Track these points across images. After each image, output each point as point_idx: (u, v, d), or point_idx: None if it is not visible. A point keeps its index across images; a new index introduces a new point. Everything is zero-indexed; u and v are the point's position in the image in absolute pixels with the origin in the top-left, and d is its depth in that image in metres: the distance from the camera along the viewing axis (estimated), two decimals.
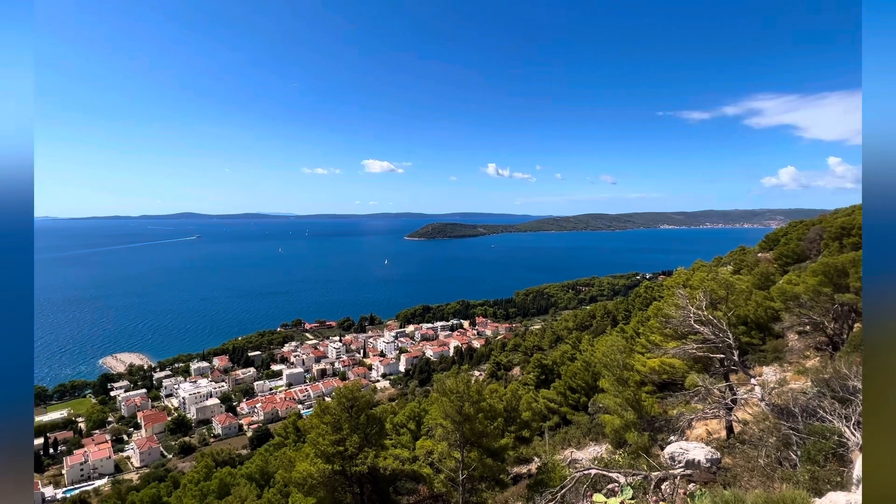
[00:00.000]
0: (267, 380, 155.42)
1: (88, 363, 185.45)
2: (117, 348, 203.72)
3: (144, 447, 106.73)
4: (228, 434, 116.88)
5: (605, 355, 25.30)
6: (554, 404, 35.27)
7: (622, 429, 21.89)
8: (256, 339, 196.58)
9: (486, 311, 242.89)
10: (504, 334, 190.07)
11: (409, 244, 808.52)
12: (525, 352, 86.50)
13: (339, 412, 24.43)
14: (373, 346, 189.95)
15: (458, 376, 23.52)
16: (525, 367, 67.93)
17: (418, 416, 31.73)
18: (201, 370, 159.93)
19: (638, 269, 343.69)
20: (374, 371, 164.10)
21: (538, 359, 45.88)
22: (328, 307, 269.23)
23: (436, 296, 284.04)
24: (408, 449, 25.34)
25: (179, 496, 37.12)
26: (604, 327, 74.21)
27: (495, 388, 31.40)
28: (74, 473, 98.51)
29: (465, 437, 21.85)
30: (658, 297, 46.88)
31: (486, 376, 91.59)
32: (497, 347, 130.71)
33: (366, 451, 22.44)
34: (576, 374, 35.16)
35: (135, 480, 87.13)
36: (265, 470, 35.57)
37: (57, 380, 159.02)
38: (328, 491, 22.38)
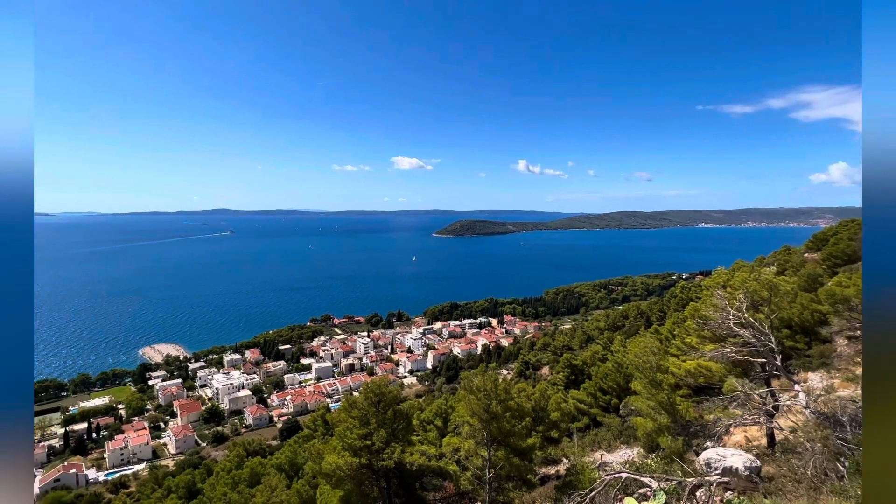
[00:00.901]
0: (296, 373, 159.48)
1: (129, 353, 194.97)
2: (155, 339, 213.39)
3: (180, 435, 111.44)
4: (259, 425, 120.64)
5: (637, 357, 24.76)
6: (584, 405, 34.77)
7: (655, 432, 21.39)
8: (287, 333, 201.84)
9: (514, 310, 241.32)
10: (533, 333, 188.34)
11: (438, 241, 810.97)
12: (554, 351, 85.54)
13: (367, 407, 24.84)
14: (400, 342, 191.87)
15: (486, 374, 23.49)
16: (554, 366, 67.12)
17: (445, 414, 31.91)
18: (234, 362, 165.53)
19: (674, 269, 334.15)
20: (401, 367, 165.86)
21: (568, 359, 45.28)
22: (356, 303, 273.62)
23: (464, 293, 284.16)
24: (434, 445, 25.55)
25: (213, 483, 38.63)
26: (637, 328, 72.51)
27: (523, 388, 31.22)
28: (115, 457, 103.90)
29: (492, 436, 21.84)
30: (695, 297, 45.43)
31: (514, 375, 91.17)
32: (526, 346, 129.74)
33: (392, 446, 22.75)
34: (607, 376, 34.54)
35: (171, 466, 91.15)
36: (294, 461, 36.54)
37: (100, 368, 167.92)
38: (355, 484, 22.83)
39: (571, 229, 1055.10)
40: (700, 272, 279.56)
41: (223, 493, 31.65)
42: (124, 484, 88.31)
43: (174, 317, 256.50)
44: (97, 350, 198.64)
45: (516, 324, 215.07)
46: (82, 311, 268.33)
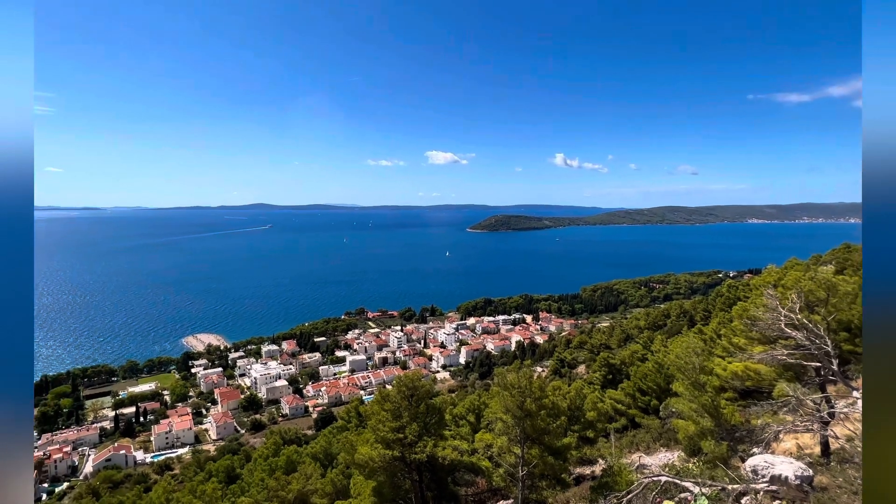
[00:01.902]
0: (331, 365, 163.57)
1: (173, 342, 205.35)
2: (198, 329, 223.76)
3: (220, 421, 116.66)
4: (295, 414, 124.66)
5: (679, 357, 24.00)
6: (621, 406, 34.05)
7: (697, 436, 20.73)
8: (322, 326, 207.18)
9: (550, 307, 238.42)
10: (569, 331, 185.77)
11: (472, 236, 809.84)
12: (591, 350, 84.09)
13: (400, 400, 25.23)
14: (433, 337, 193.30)
15: (520, 371, 23.37)
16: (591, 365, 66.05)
17: (478, 409, 31.99)
18: (271, 353, 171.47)
19: (720, 267, 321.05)
20: (434, 362, 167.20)
21: (605, 357, 44.42)
22: (390, 297, 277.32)
23: (498, 289, 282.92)
24: (467, 441, 25.70)
25: (251, 469, 40.28)
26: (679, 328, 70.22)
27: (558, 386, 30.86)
28: (160, 441, 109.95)
29: (526, 434, 21.74)
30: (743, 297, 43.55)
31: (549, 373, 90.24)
32: (561, 344, 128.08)
33: (425, 440, 23.03)
34: (646, 376, 33.67)
35: (212, 451, 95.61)
36: (329, 451, 37.60)
37: (147, 355, 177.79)
38: (388, 475, 23.27)
39: (610, 225, 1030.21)
40: (749, 270, 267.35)
41: (261, 479, 32.97)
42: (169, 466, 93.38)
43: (215, 308, 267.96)
44: (144, 338, 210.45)
45: (552, 321, 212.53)
46: (131, 301, 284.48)
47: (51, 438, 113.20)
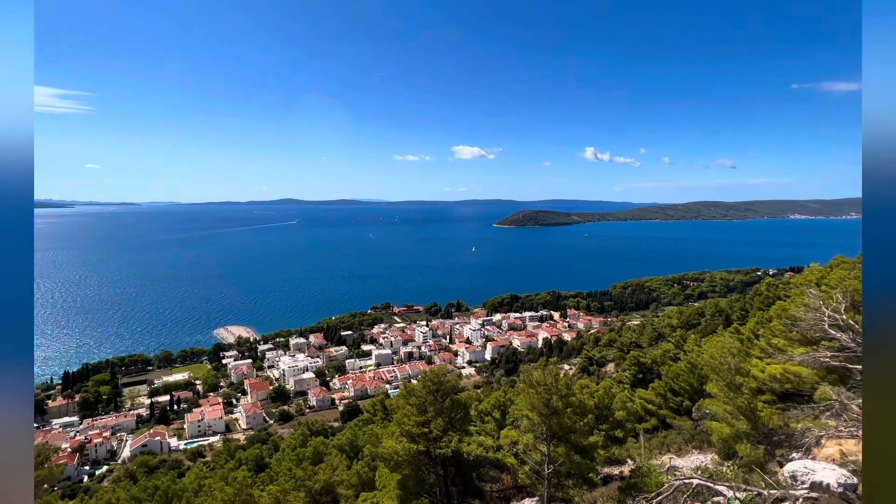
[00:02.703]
0: (357, 358, 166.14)
1: (205, 333, 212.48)
2: (229, 321, 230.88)
3: (250, 412, 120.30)
4: (322, 406, 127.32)
5: (714, 357, 23.35)
6: (652, 406, 33.39)
7: (732, 439, 20.15)
8: (348, 320, 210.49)
9: (578, 304, 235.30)
10: (597, 328, 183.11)
11: (499, 231, 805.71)
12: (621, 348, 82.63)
13: (425, 395, 25.43)
14: (459, 332, 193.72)
15: (547, 368, 23.18)
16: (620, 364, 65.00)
17: (503, 406, 31.94)
18: (299, 345, 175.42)
19: (758, 265, 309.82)
20: (459, 357, 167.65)
21: (635, 356, 43.59)
22: (416, 292, 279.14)
23: (525, 285, 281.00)
24: (492, 437, 25.71)
25: (279, 459, 41.42)
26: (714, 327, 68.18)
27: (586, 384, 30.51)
28: (193, 429, 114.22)
29: (552, 431, 21.58)
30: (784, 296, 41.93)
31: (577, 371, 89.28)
32: (589, 342, 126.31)
33: (450, 435, 23.16)
34: (679, 376, 32.89)
35: (241, 440, 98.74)
36: (354, 443, 38.28)
37: (180, 346, 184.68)
38: (413, 469, 23.52)
39: (642, 220, 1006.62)
40: (790, 268, 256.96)
41: (288, 469, 33.88)
42: (201, 453, 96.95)
43: (245, 301, 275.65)
44: (179, 329, 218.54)
45: (580, 318, 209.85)
46: (167, 293, 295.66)
47: (91, 423, 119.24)
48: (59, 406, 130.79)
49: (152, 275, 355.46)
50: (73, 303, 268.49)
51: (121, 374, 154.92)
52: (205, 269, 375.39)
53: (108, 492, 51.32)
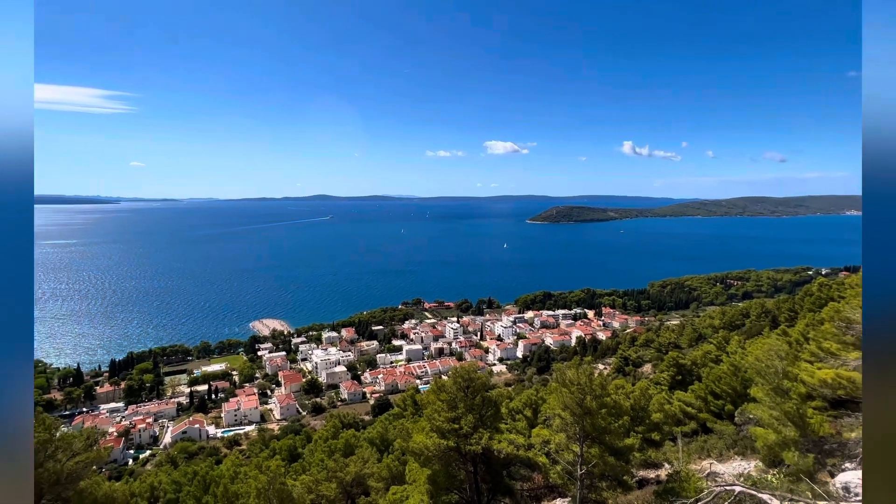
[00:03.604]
0: (388, 353, 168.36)
1: (242, 325, 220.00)
2: (264, 314, 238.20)
3: (284, 403, 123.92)
4: (353, 400, 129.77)
5: (760, 360, 22.42)
6: (691, 409, 32.39)
7: (778, 446, 19.31)
8: (379, 315, 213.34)
9: (614, 302, 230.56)
10: (634, 328, 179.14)
11: (532, 228, 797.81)
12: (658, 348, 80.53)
13: (455, 391, 25.49)
14: (490, 329, 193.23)
15: (580, 367, 22.83)
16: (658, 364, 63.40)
17: (535, 404, 31.68)
18: (331, 339, 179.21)
19: (810, 263, 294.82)
20: (490, 354, 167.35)
21: (674, 357, 42.36)
22: (446, 288, 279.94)
23: (558, 282, 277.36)
24: (523, 435, 25.54)
25: (311, 450, 42.50)
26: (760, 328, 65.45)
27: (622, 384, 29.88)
28: (230, 417, 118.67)
29: (586, 432, 21.25)
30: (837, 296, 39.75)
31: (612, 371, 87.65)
32: (625, 341, 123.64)
33: (480, 432, 23.16)
34: (720, 378, 31.75)
35: (275, 430, 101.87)
36: (385, 437, 38.84)
37: (218, 337, 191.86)
38: (443, 464, 23.66)
39: (683, 216, 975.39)
40: (845, 268, 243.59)
41: (320, 460, 34.70)
42: (237, 442, 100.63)
43: (280, 294, 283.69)
44: (217, 321, 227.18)
45: (615, 317, 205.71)
46: (206, 285, 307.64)
47: (136, 409, 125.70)
48: (106, 392, 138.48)
49: (193, 268, 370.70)
50: (120, 294, 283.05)
51: (163, 363, 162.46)
52: (241, 264, 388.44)
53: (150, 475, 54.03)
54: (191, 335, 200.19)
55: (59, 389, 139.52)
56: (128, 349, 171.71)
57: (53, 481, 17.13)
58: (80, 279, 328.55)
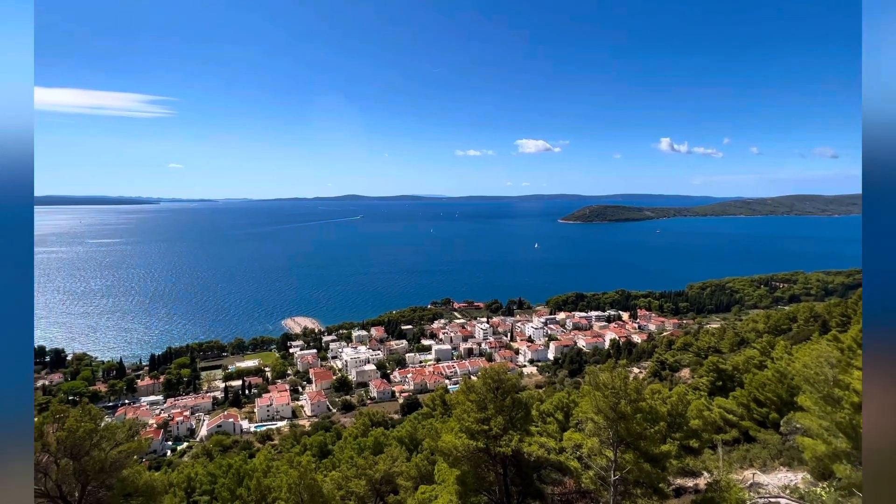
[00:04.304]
0: (417, 353, 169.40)
1: (274, 323, 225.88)
2: (295, 312, 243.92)
3: (314, 399, 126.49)
4: (382, 398, 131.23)
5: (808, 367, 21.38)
6: (733, 416, 31.23)
7: (828, 458, 18.37)
8: (409, 314, 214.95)
9: (650, 304, 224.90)
10: (671, 331, 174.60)
11: (564, 227, 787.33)
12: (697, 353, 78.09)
13: (485, 392, 25.41)
14: (520, 330, 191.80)
15: (614, 371, 22.39)
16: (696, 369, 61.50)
17: (567, 407, 31.21)
18: (361, 338, 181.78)
19: None
20: (521, 356, 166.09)
21: (714, 362, 40.94)
22: (476, 288, 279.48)
23: (591, 283, 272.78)
24: (554, 439, 25.21)
25: (341, 446, 43.20)
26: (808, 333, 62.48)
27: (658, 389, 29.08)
28: (262, 413, 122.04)
29: (620, 437, 20.80)
30: None
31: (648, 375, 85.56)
32: (662, 345, 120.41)
33: (510, 434, 23.00)
34: (764, 385, 30.47)
35: (306, 427, 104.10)
36: (414, 436, 39.09)
37: (251, 334, 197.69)
38: (472, 465, 23.62)
39: (724, 216, 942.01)
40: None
41: (350, 457, 35.24)
42: (269, 437, 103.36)
43: (311, 293, 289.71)
44: (251, 318, 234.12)
45: (651, 319, 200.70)
46: (240, 284, 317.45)
47: (174, 403, 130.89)
48: (146, 385, 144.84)
49: (228, 267, 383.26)
50: (160, 291, 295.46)
51: (199, 358, 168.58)
52: (274, 262, 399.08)
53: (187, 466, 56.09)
54: (226, 332, 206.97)
55: (103, 382, 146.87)
56: (167, 344, 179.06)
57: (98, 469, 18.01)
58: (123, 276, 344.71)
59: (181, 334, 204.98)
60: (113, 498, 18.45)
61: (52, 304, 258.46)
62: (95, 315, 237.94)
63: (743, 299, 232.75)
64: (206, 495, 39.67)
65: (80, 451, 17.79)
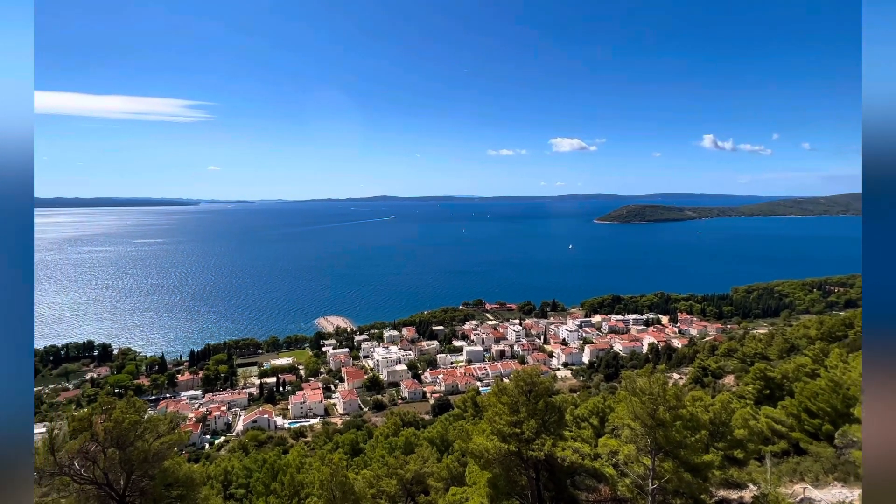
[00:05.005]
0: (448, 354, 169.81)
1: (307, 321, 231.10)
2: (328, 311, 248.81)
3: (346, 398, 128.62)
4: (413, 399, 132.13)
5: None
6: (781, 427, 29.82)
7: None
8: (440, 315, 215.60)
9: (691, 307, 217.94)
10: (714, 336, 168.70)
11: (600, 228, 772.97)
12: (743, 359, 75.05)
13: (517, 395, 25.17)
14: (554, 332, 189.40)
15: (653, 376, 21.84)
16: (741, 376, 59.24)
17: (602, 413, 30.63)
18: (392, 338, 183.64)
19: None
20: (554, 359, 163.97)
21: (761, 369, 39.24)
22: (508, 289, 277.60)
23: (628, 285, 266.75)
24: (589, 444, 24.74)
25: (373, 445, 43.72)
26: None
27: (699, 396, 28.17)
28: (296, 410, 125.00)
29: (658, 444, 20.23)
30: None
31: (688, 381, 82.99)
32: (704, 350, 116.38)
33: (543, 438, 22.70)
34: (817, 395, 28.97)
35: (338, 424, 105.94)
36: (445, 437, 39.16)
37: (286, 332, 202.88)
38: (503, 469, 23.45)
39: (773, 216, 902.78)
40: None
41: (381, 456, 35.64)
42: (302, 433, 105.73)
43: (343, 292, 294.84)
44: (285, 317, 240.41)
45: (693, 323, 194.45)
46: (275, 283, 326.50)
47: (212, 398, 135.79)
48: (186, 380, 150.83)
49: (264, 266, 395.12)
50: (200, 289, 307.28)
51: (235, 355, 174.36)
52: (308, 262, 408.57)
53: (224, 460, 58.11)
54: (261, 329, 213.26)
55: (146, 376, 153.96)
56: (205, 341, 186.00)
57: (142, 459, 18.87)
58: (166, 275, 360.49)
59: (218, 331, 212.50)
60: (155, 487, 19.28)
61: (101, 301, 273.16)
62: (140, 312, 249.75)
63: (793, 303, 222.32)
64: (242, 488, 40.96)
65: (125, 441, 18.68)
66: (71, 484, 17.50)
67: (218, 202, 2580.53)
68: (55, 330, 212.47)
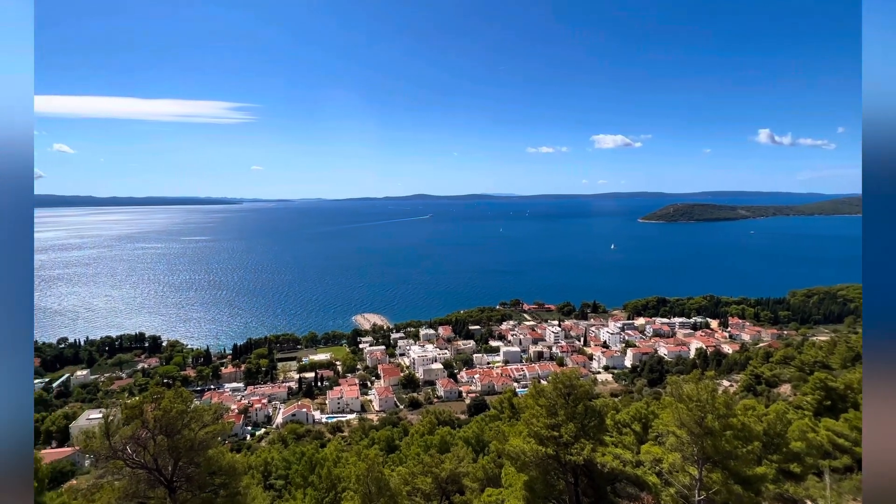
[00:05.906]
0: (485, 354, 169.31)
1: (345, 318, 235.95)
2: (365, 308, 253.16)
3: (382, 395, 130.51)
4: (449, 398, 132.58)
5: None
6: (844, 441, 28.12)
7: None
8: (476, 315, 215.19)
9: (743, 311, 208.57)
10: (769, 342, 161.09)
11: (644, 227, 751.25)
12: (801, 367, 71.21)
13: (556, 397, 24.81)
14: (595, 335, 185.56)
15: (701, 382, 21.12)
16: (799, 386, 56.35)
17: (645, 419, 29.79)
18: (428, 336, 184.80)
19: None
20: (594, 362, 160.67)
21: (822, 378, 37.12)
22: (547, 289, 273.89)
23: (674, 287, 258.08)
24: (631, 451, 24.11)
25: (408, 443, 44.17)
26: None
27: (752, 405, 27.00)
28: (333, 404, 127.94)
29: (706, 454, 19.50)
30: None
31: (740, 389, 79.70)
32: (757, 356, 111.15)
33: (582, 442, 22.28)
34: None
35: (374, 421, 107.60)
36: (481, 437, 39.09)
37: (324, 328, 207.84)
38: (540, 472, 23.18)
39: (836, 215, 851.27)
40: None
41: (416, 454, 35.94)
42: (339, 428, 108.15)
43: (380, 290, 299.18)
44: (323, 313, 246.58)
45: (745, 328, 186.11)
46: (314, 280, 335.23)
47: (253, 390, 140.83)
48: (229, 373, 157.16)
49: (303, 264, 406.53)
50: (243, 285, 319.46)
51: (276, 349, 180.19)
52: (346, 260, 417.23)
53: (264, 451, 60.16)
54: (300, 325, 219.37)
55: (192, 367, 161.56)
56: (247, 335, 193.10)
57: (188, 447, 19.80)
58: (211, 271, 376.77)
59: (260, 326, 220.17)
60: (200, 474, 20.18)
61: (151, 294, 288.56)
62: (187, 306, 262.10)
63: (858, 309, 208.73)
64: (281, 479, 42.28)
65: (173, 429, 19.65)
66: (123, 467, 18.57)
67: (260, 201, 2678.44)
68: (111, 321, 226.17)
